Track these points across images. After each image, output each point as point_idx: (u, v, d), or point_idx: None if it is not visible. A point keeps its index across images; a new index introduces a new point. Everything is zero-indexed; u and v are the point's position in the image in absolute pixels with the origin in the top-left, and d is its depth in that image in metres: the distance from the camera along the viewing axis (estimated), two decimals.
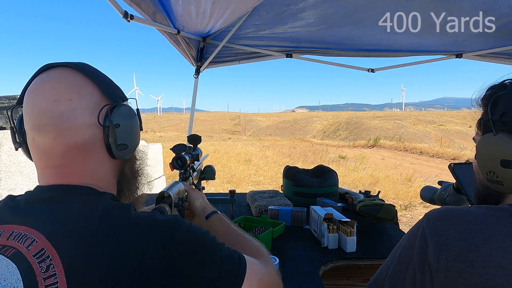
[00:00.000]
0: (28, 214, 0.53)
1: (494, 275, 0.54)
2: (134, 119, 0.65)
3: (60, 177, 0.58)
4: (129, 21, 1.66)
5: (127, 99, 0.65)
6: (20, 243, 0.50)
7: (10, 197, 0.58)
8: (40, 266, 0.48)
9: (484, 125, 0.70)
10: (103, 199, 0.56)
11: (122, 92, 0.65)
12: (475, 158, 0.73)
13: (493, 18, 2.30)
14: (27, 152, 0.63)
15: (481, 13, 2.27)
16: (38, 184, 0.60)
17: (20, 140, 0.63)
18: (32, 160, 0.62)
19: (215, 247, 0.59)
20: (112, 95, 0.61)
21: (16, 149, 0.66)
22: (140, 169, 0.71)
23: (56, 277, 0.47)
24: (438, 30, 2.56)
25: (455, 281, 0.56)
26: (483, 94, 0.71)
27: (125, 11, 1.63)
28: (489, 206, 0.64)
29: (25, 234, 0.51)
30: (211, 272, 0.55)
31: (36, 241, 0.49)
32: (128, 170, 0.67)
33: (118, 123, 0.60)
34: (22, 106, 0.59)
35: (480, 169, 0.70)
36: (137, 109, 0.67)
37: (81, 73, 0.59)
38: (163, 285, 0.51)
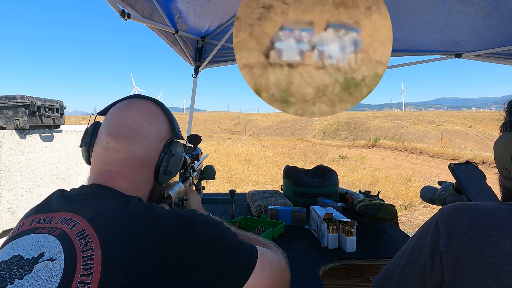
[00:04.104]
0: (73, 204, 0.64)
1: (503, 264, 0.55)
2: (182, 155, 0.78)
3: (105, 178, 0.69)
4: (126, 19, 1.66)
5: (182, 138, 0.79)
6: (65, 225, 0.60)
7: (60, 191, 0.69)
8: (80, 242, 0.57)
9: (504, 127, 0.71)
10: (132, 199, 0.66)
11: (180, 131, 0.79)
12: (494, 158, 0.74)
13: (495, 22, 2.31)
14: (87, 153, 0.75)
15: (483, 17, 2.28)
16: (83, 184, 0.72)
17: (88, 141, 0.74)
18: (87, 162, 0.75)
19: (230, 235, 0.65)
20: (175, 131, 0.77)
21: (80, 146, 0.76)
22: (161, 195, 0.82)
23: (93, 250, 0.55)
24: (437, 29, 2.56)
25: (464, 269, 0.57)
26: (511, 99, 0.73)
27: (122, 9, 1.63)
28: (505, 202, 0.65)
29: (69, 218, 0.61)
30: (227, 255, 0.61)
31: (79, 224, 0.59)
32: (155, 192, 0.78)
33: (174, 153, 0.74)
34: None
35: (497, 167, 0.71)
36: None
37: (161, 109, 0.76)
38: (185, 267, 0.57)
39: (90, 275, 0.53)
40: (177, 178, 1.08)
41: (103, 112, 0.76)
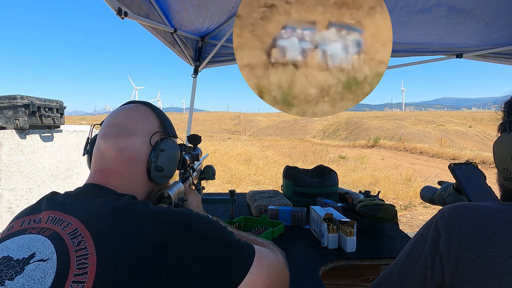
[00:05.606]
0: (64, 205, 0.63)
1: (504, 265, 0.55)
2: (176, 152, 0.79)
3: (99, 177, 0.70)
4: (123, 18, 1.65)
5: (177, 137, 0.81)
6: (57, 226, 0.59)
7: (52, 193, 0.69)
8: (72, 241, 0.56)
9: (502, 127, 0.71)
10: (124, 197, 0.65)
11: (175, 131, 0.81)
12: (494, 159, 0.73)
13: (495, 28, 2.31)
14: (89, 161, 0.77)
15: (485, 25, 2.29)
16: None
17: (89, 150, 0.78)
18: (89, 168, 0.76)
19: (227, 234, 0.65)
20: (167, 129, 0.78)
21: (83, 155, 0.80)
22: (161, 195, 0.82)
23: (87, 249, 0.55)
24: (440, 37, 2.58)
25: (465, 271, 0.57)
26: (508, 99, 0.72)
27: (119, 7, 1.61)
28: (505, 202, 0.65)
29: (60, 218, 0.60)
30: (224, 253, 0.61)
31: (71, 224, 0.58)
32: (154, 194, 0.79)
33: (163, 148, 0.74)
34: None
35: (497, 168, 0.71)
36: (181, 150, 0.81)
37: (151, 108, 0.77)
38: (181, 265, 0.57)
39: (85, 274, 0.52)
40: (177, 178, 1.08)
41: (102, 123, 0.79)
